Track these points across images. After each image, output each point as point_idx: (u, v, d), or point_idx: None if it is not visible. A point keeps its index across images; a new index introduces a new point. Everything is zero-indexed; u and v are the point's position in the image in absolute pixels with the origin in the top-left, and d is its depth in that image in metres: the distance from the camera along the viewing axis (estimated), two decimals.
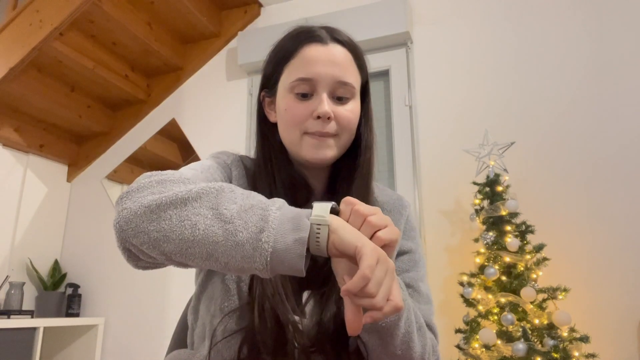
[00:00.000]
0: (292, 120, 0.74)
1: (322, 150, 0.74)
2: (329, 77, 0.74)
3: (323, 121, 0.73)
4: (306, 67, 0.74)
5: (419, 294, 0.81)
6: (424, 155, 2.27)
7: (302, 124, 0.74)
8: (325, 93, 0.74)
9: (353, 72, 0.77)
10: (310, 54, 0.75)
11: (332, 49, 0.76)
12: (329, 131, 0.74)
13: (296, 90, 0.74)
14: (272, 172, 0.78)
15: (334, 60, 0.75)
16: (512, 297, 1.65)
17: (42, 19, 2.29)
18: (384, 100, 2.46)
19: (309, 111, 0.74)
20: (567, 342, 1.58)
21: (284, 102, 0.76)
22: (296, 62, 0.76)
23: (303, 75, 0.74)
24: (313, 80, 0.74)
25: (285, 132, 0.77)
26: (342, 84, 0.75)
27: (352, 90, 0.76)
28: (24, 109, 2.61)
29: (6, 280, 2.45)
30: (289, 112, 0.75)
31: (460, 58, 2.32)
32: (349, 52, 0.78)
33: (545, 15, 2.22)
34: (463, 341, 1.73)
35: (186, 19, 2.71)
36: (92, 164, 2.97)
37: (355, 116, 0.77)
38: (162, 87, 2.92)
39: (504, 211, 1.78)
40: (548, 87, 2.14)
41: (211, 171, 0.74)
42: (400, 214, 0.86)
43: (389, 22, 2.37)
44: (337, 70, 0.74)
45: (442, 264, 2.10)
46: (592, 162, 1.99)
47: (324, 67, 0.74)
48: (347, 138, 0.77)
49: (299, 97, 0.75)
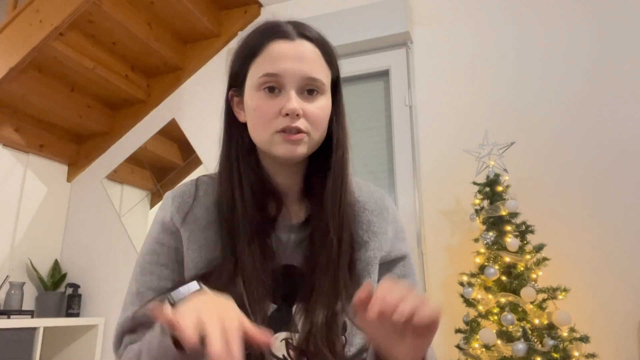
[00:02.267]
0: (261, 118, 0.72)
1: (293, 147, 0.72)
2: (296, 73, 0.72)
3: (292, 118, 0.71)
4: (273, 63, 0.72)
5: None
6: (424, 155, 2.27)
7: (272, 121, 0.72)
8: (293, 90, 0.72)
9: (322, 68, 0.75)
10: (277, 50, 0.73)
11: (299, 45, 0.74)
12: (299, 126, 0.71)
13: (264, 86, 0.72)
14: (240, 177, 0.76)
15: (302, 57, 0.73)
16: (512, 297, 1.65)
17: (42, 19, 2.29)
18: (384, 100, 2.46)
19: (278, 108, 0.71)
20: (567, 342, 1.58)
21: (252, 100, 0.74)
22: (263, 58, 0.73)
23: (270, 70, 0.72)
24: (280, 76, 0.72)
25: (255, 132, 0.75)
26: (310, 80, 0.73)
27: (321, 87, 0.74)
28: (24, 109, 2.61)
29: (6, 280, 2.45)
30: (258, 111, 0.73)
31: (460, 58, 2.32)
32: (317, 48, 0.76)
33: (546, 15, 2.22)
34: (463, 341, 1.73)
35: (186, 19, 2.71)
36: (92, 164, 2.97)
37: (325, 113, 0.75)
38: (162, 87, 2.92)
39: (504, 211, 1.78)
40: (548, 87, 2.14)
41: (156, 267, 0.76)
42: (382, 216, 0.83)
43: (389, 22, 2.37)
44: (305, 67, 0.72)
45: (442, 264, 2.10)
46: (592, 162, 1.99)
47: (291, 63, 0.72)
48: (317, 135, 0.75)
49: (267, 92, 0.72)
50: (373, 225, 0.81)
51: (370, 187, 0.87)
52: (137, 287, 0.76)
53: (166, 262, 0.76)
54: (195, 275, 0.72)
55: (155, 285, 0.75)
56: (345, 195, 0.77)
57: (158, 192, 2.78)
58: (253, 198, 0.75)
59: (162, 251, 0.77)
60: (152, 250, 0.77)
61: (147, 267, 0.77)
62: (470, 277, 1.79)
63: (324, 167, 0.78)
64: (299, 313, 0.73)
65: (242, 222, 0.73)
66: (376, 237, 0.80)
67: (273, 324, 0.72)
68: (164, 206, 0.80)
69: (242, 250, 0.71)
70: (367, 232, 0.80)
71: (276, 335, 0.72)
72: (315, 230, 0.76)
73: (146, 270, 0.76)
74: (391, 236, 0.82)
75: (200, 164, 2.70)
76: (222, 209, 0.75)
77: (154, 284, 0.75)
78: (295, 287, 0.74)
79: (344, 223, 0.76)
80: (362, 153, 2.38)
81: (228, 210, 0.74)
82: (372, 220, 0.81)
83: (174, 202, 0.78)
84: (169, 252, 0.77)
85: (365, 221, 0.80)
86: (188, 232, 0.75)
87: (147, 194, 2.81)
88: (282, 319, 0.72)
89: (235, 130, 0.79)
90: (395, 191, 2.26)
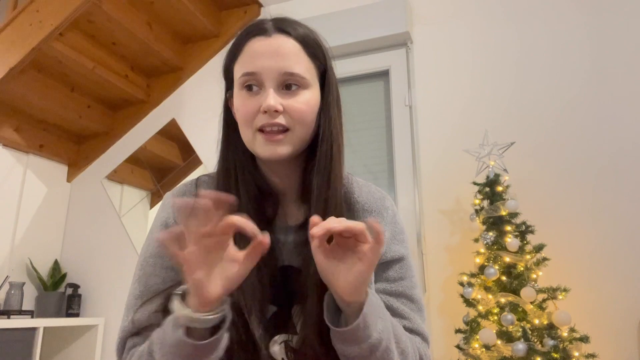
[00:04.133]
0: (243, 117, 0.72)
1: (273, 147, 0.71)
2: (273, 69, 0.71)
3: (270, 115, 0.70)
4: (250, 61, 0.72)
5: (412, 302, 0.78)
6: (424, 155, 2.27)
7: (253, 120, 0.71)
8: (271, 87, 0.71)
9: (302, 61, 0.73)
10: (254, 47, 0.72)
11: (275, 40, 0.73)
12: (279, 122, 0.70)
13: (244, 85, 0.72)
14: (236, 178, 0.75)
15: (277, 52, 0.71)
16: (512, 297, 1.65)
17: (42, 19, 2.29)
18: (384, 100, 2.46)
19: (257, 106, 0.71)
20: (567, 342, 1.58)
21: (237, 101, 0.74)
22: (242, 58, 0.73)
23: (247, 69, 0.72)
24: (257, 74, 0.71)
25: (241, 132, 0.75)
26: (288, 75, 0.71)
27: (301, 81, 0.72)
28: (24, 109, 2.61)
29: (6, 280, 2.45)
30: (240, 110, 0.73)
31: (460, 58, 2.32)
32: (297, 42, 0.74)
33: (546, 15, 2.22)
34: (463, 341, 1.73)
35: (186, 19, 2.71)
36: (92, 164, 2.97)
37: (309, 107, 0.73)
38: (162, 87, 2.92)
39: (504, 211, 1.78)
40: (548, 88, 2.14)
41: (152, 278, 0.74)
42: (381, 216, 0.81)
43: (389, 22, 2.37)
44: (282, 62, 0.71)
45: (442, 264, 2.10)
46: (592, 162, 2.00)
47: (267, 59, 0.71)
48: (302, 131, 0.73)
49: (247, 91, 0.72)
50: None
51: (370, 187, 0.85)
52: (140, 289, 0.74)
53: (170, 265, 0.74)
54: None
55: (160, 288, 0.73)
56: (333, 191, 0.73)
57: (158, 192, 2.78)
58: (249, 200, 0.73)
59: (165, 253, 0.75)
60: (156, 253, 0.76)
61: (150, 269, 0.75)
62: (470, 277, 1.79)
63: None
64: (297, 315, 0.71)
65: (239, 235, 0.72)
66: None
67: (272, 326, 0.70)
68: (165, 207, 0.79)
69: None
70: None
71: (275, 338, 0.70)
72: None
73: (149, 272, 0.75)
74: (387, 237, 0.80)
75: (200, 164, 2.70)
76: None
77: (158, 287, 0.73)
78: (294, 289, 0.73)
79: None
80: (362, 153, 2.38)
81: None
82: None
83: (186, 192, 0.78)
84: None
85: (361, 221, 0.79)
86: None
87: (147, 194, 2.81)
88: (281, 321, 0.71)
89: (232, 131, 0.78)
90: (395, 191, 2.26)
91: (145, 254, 0.77)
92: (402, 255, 0.81)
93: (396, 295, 0.78)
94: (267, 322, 0.70)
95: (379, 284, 0.78)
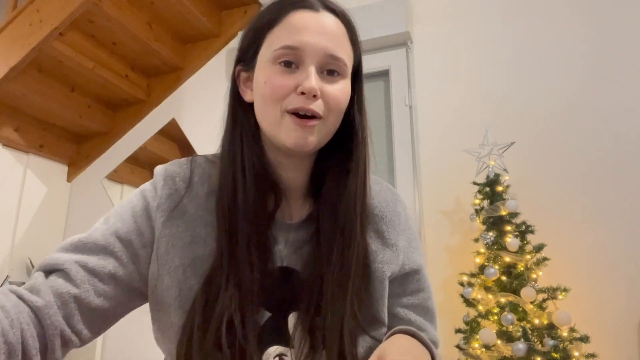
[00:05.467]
0: (272, 93, 0.63)
1: (303, 134, 0.63)
2: (318, 48, 0.63)
3: (308, 98, 0.62)
4: (293, 34, 0.63)
5: (429, 313, 0.78)
6: (424, 155, 2.27)
7: (284, 99, 0.63)
8: (313, 66, 0.63)
9: (346, 46, 0.67)
10: (298, 20, 0.64)
11: (323, 17, 0.65)
12: (314, 108, 0.62)
13: (280, 59, 0.63)
14: (243, 164, 0.66)
15: (326, 30, 0.64)
16: (512, 297, 1.65)
17: (42, 19, 2.29)
18: (384, 100, 2.46)
19: (293, 85, 0.62)
20: (567, 342, 1.58)
21: (263, 74, 0.65)
22: (281, 29, 0.65)
23: (289, 42, 0.63)
24: (300, 49, 0.63)
25: (263, 110, 0.66)
26: (333, 58, 0.64)
27: (343, 68, 0.66)
28: (24, 109, 2.61)
29: (6, 280, 2.45)
30: (269, 84, 0.63)
31: (460, 58, 2.32)
32: (342, 24, 0.68)
33: (545, 15, 2.22)
34: (463, 341, 1.73)
35: (186, 19, 2.71)
36: (92, 164, 2.97)
37: (345, 97, 0.67)
38: (162, 87, 2.92)
39: (504, 211, 1.78)
40: (548, 87, 2.14)
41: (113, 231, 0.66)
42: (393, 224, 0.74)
43: (389, 22, 2.37)
44: (328, 42, 0.64)
45: (442, 264, 2.10)
46: (592, 162, 1.99)
47: (314, 36, 0.63)
48: (333, 122, 0.66)
49: (282, 66, 0.63)
50: (382, 235, 0.72)
51: (381, 185, 0.78)
52: (84, 236, 0.67)
53: (121, 235, 0.66)
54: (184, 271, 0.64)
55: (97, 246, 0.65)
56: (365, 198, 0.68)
57: None
58: (253, 191, 0.66)
59: (128, 226, 0.67)
60: (122, 216, 0.68)
61: (104, 227, 0.67)
62: (470, 277, 1.79)
63: (340, 163, 0.69)
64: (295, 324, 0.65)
65: (241, 218, 0.64)
66: (386, 248, 0.72)
67: (266, 333, 0.64)
68: (154, 186, 0.70)
69: (241, 250, 0.63)
70: (375, 241, 0.72)
71: (268, 351, 0.65)
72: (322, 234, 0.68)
73: (102, 229, 0.67)
74: (404, 246, 0.75)
75: None
76: (223, 203, 0.66)
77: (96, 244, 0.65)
78: (292, 294, 0.66)
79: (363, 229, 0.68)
80: None
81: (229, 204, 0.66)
82: (381, 229, 0.73)
83: (165, 185, 0.69)
84: (132, 233, 0.67)
85: (374, 229, 0.72)
86: (174, 227, 0.66)
87: None
88: (275, 329, 0.65)
89: (241, 111, 0.71)
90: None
91: (114, 212, 0.70)
92: (419, 265, 0.78)
93: (414, 308, 0.76)
94: (260, 330, 0.64)
95: (399, 298, 0.76)
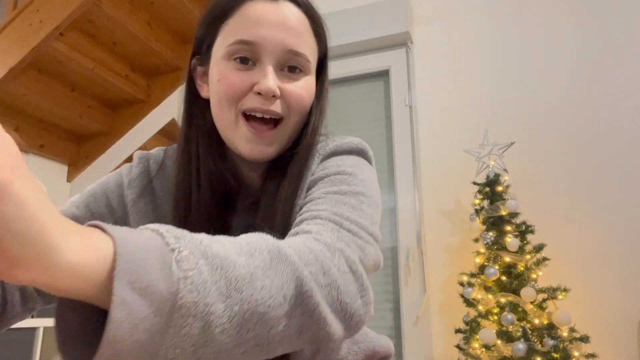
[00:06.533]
0: (227, 93, 0.58)
1: (260, 146, 0.59)
2: (277, 43, 0.58)
3: (266, 99, 0.58)
4: (248, 27, 0.58)
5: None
6: (424, 155, 2.27)
7: (240, 99, 0.58)
8: (271, 64, 0.58)
9: (308, 40, 0.62)
10: (254, 12, 0.59)
11: (283, 8, 0.60)
12: (273, 109, 0.58)
13: (234, 55, 0.58)
14: (198, 164, 0.62)
15: (285, 23, 0.59)
16: (512, 297, 1.65)
17: (42, 19, 2.29)
18: (384, 100, 2.46)
19: (249, 84, 0.58)
20: (567, 342, 1.58)
21: (217, 71, 0.60)
22: (235, 21, 0.59)
23: (243, 37, 0.58)
24: (256, 44, 0.58)
25: (217, 110, 0.61)
26: (293, 54, 0.59)
27: (305, 64, 0.61)
28: (24, 109, 2.61)
29: None
30: (223, 82, 0.59)
31: (460, 58, 2.32)
32: (305, 15, 0.62)
33: (546, 15, 2.22)
34: (463, 341, 1.73)
35: (186, 19, 2.71)
36: (92, 164, 2.97)
37: (308, 95, 0.62)
38: (162, 87, 2.92)
39: (504, 211, 1.78)
40: (548, 87, 2.14)
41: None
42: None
43: (389, 22, 2.37)
44: (289, 36, 0.59)
45: (442, 264, 2.10)
46: (592, 162, 1.99)
47: (272, 29, 0.58)
48: (295, 122, 0.61)
49: (237, 63, 0.59)
50: None
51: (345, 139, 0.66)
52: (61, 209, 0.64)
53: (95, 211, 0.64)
54: None
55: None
56: (297, 199, 0.59)
57: None
58: (211, 194, 0.62)
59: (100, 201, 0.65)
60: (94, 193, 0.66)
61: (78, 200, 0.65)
62: (470, 277, 1.79)
63: (289, 157, 0.63)
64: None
65: (196, 220, 0.61)
66: None
67: None
68: (130, 166, 0.68)
69: None
70: None
71: None
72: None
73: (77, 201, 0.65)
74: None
75: None
76: (178, 203, 0.62)
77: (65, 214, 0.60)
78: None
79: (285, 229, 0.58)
80: None
81: (184, 204, 0.62)
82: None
83: (138, 164, 0.67)
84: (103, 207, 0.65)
85: None
86: (142, 204, 0.65)
87: None
88: None
89: (196, 107, 0.66)
90: (395, 191, 2.26)
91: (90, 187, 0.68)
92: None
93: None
94: None
95: None
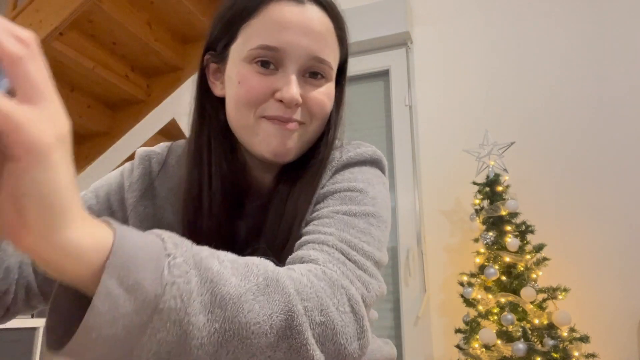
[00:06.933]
0: (247, 97, 0.56)
1: (283, 141, 0.57)
2: (301, 49, 0.56)
3: (288, 107, 0.56)
4: (273, 31, 0.56)
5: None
6: (424, 155, 2.27)
7: (260, 104, 0.57)
8: (294, 71, 0.56)
9: (332, 46, 0.60)
10: (279, 14, 0.56)
11: (308, 11, 0.57)
12: (294, 117, 0.57)
13: (256, 59, 0.56)
14: (210, 166, 0.60)
15: (311, 28, 0.57)
16: (512, 297, 1.65)
17: (42, 19, 2.29)
18: (384, 100, 2.46)
19: (271, 89, 0.56)
20: (567, 342, 1.58)
21: (237, 72, 0.57)
22: (259, 23, 0.57)
23: (268, 42, 0.56)
24: (280, 50, 0.56)
25: (235, 112, 0.59)
26: (317, 60, 0.58)
27: (328, 71, 0.60)
28: None
29: None
30: (244, 85, 0.56)
31: (460, 58, 2.32)
32: (329, 19, 0.60)
33: (546, 14, 2.22)
34: (463, 341, 1.73)
35: (186, 19, 2.71)
36: (92, 164, 2.96)
37: (330, 102, 0.61)
38: (162, 87, 2.92)
39: (504, 211, 1.78)
40: (548, 87, 2.14)
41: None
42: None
43: (389, 22, 2.37)
44: (313, 42, 0.57)
45: (442, 264, 2.10)
46: (592, 162, 2.00)
47: (297, 35, 0.56)
48: (316, 128, 0.60)
49: (259, 66, 0.56)
50: None
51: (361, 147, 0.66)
52: None
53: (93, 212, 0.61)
54: None
55: None
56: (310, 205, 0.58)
57: None
58: (222, 194, 0.60)
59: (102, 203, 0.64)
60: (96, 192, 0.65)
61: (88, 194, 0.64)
62: (470, 277, 1.79)
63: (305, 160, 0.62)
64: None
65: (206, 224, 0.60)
66: None
67: None
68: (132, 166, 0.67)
69: None
70: None
71: None
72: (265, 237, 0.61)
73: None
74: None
75: None
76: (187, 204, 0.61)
77: None
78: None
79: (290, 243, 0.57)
80: None
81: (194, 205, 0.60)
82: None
83: (139, 165, 0.66)
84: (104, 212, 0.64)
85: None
86: (142, 207, 0.64)
87: None
88: None
89: (209, 105, 0.63)
90: (395, 191, 2.26)
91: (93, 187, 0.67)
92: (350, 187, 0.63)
93: None
94: None
95: None
